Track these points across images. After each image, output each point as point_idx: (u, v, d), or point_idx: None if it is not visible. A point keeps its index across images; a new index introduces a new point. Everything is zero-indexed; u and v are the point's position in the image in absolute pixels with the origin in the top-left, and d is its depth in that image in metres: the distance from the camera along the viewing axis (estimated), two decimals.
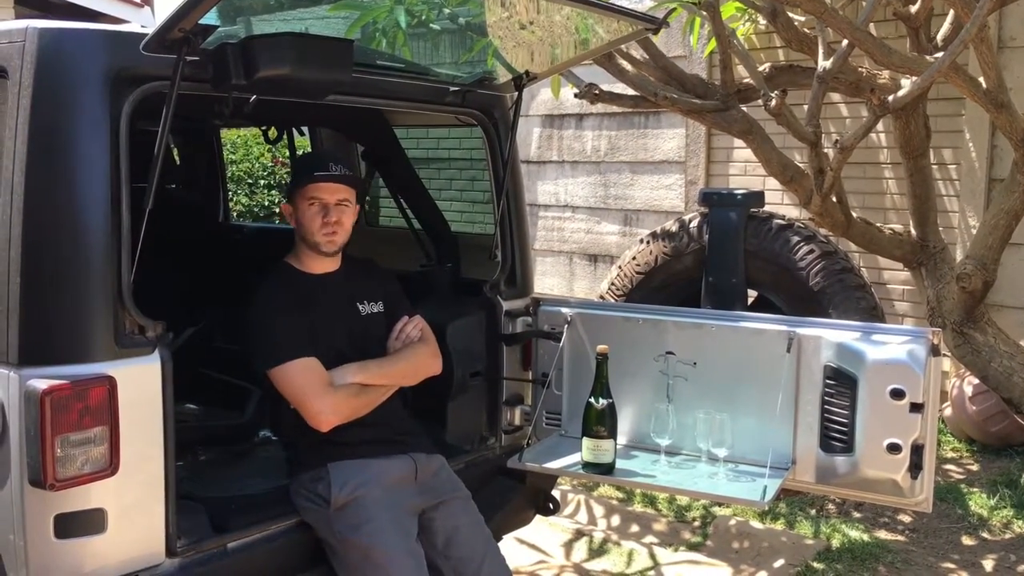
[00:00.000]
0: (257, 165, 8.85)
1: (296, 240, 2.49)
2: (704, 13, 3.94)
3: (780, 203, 5.37)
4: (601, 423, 2.55)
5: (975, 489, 4.17)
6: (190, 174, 4.45)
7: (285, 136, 3.98)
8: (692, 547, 3.77)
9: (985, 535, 3.79)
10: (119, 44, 2.07)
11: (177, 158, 4.50)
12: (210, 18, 2.04)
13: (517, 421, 3.02)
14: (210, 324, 4.01)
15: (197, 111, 2.69)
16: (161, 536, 2.14)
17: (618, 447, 2.72)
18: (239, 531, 2.31)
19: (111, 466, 2.03)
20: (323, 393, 2.31)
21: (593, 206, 6.83)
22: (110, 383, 2.01)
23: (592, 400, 2.56)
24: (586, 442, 2.58)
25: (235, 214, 8.51)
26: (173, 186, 4.24)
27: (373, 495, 2.37)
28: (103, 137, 2.02)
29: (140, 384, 2.08)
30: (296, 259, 2.51)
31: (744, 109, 4.19)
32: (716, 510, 4.02)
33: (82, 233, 2.01)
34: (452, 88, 2.82)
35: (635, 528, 3.98)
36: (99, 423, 2.01)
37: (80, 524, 2.03)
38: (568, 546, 3.84)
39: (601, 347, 2.57)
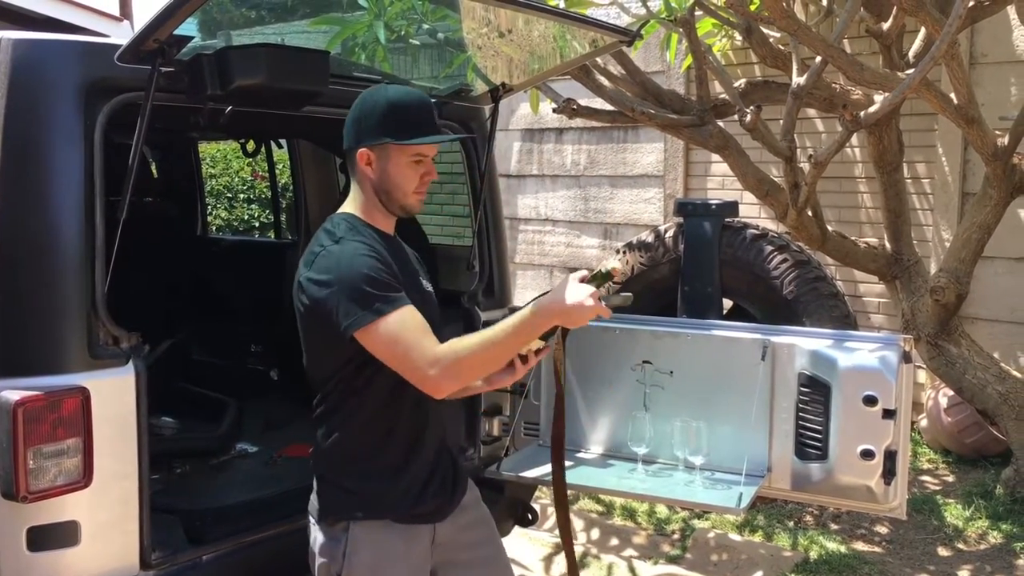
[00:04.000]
0: (237, 179, 8.84)
1: (364, 194, 2.00)
2: (680, 29, 3.99)
3: (758, 216, 5.42)
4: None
5: (951, 500, 4.21)
6: (167, 186, 4.44)
7: (263, 149, 3.99)
8: (671, 560, 3.78)
9: (961, 546, 3.81)
10: (93, 55, 2.08)
11: (155, 170, 4.50)
12: (186, 29, 2.05)
13: (496, 431, 3.02)
14: (187, 336, 4.02)
15: (174, 123, 2.69)
16: (135, 549, 2.12)
17: (595, 456, 2.73)
18: (214, 543, 2.30)
19: (85, 478, 2.01)
20: (425, 352, 1.82)
21: (573, 220, 6.87)
22: (83, 394, 1.99)
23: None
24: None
25: (214, 227, 8.49)
26: (150, 199, 4.23)
27: None
28: (77, 148, 2.02)
29: (114, 395, 2.06)
30: (364, 214, 2.02)
31: (720, 124, 4.24)
32: (695, 523, 4.03)
33: (55, 244, 2.00)
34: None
35: (615, 541, 3.98)
36: (72, 434, 1.99)
37: (53, 537, 2.01)
38: (548, 560, 3.83)
39: (614, 267, 2.06)
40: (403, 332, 1.82)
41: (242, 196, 8.83)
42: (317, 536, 2.02)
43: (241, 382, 3.85)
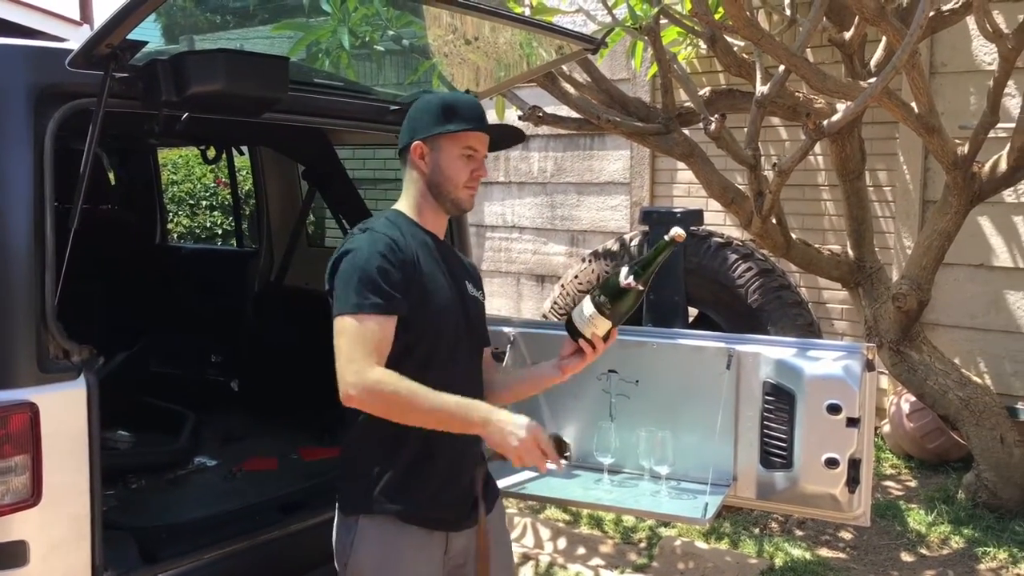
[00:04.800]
0: (199, 186, 8.72)
1: (416, 190, 2.03)
2: (646, 37, 4.00)
3: (723, 224, 5.44)
4: (613, 299, 2.01)
5: (913, 505, 4.24)
6: (126, 194, 4.36)
7: (224, 156, 3.92)
8: (638, 569, 3.76)
9: (924, 551, 3.84)
10: (44, 60, 2.02)
11: (112, 178, 4.41)
12: (148, 35, 2.01)
13: None
14: (145, 347, 3.94)
15: (130, 129, 2.63)
16: (87, 568, 2.06)
17: (562, 467, 2.70)
18: (170, 561, 2.24)
19: (33, 496, 1.95)
20: (368, 364, 1.83)
21: (540, 227, 6.86)
22: (32, 410, 1.93)
23: (619, 271, 2.02)
24: (586, 303, 2.05)
25: (175, 235, 8.36)
26: (107, 206, 4.14)
27: None
28: (26, 155, 1.96)
29: (65, 410, 2.00)
30: (413, 211, 2.04)
31: (685, 132, 4.25)
32: (662, 531, 4.02)
33: (2, 253, 1.94)
34: (392, 107, 2.80)
35: (581, 551, 3.96)
36: (20, 451, 1.93)
37: (1, 557, 1.94)
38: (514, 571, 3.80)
39: (678, 233, 2.07)
40: (356, 339, 1.85)
41: (204, 203, 8.71)
42: (337, 525, 2.05)
43: (200, 393, 3.78)
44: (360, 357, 1.84)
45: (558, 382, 2.14)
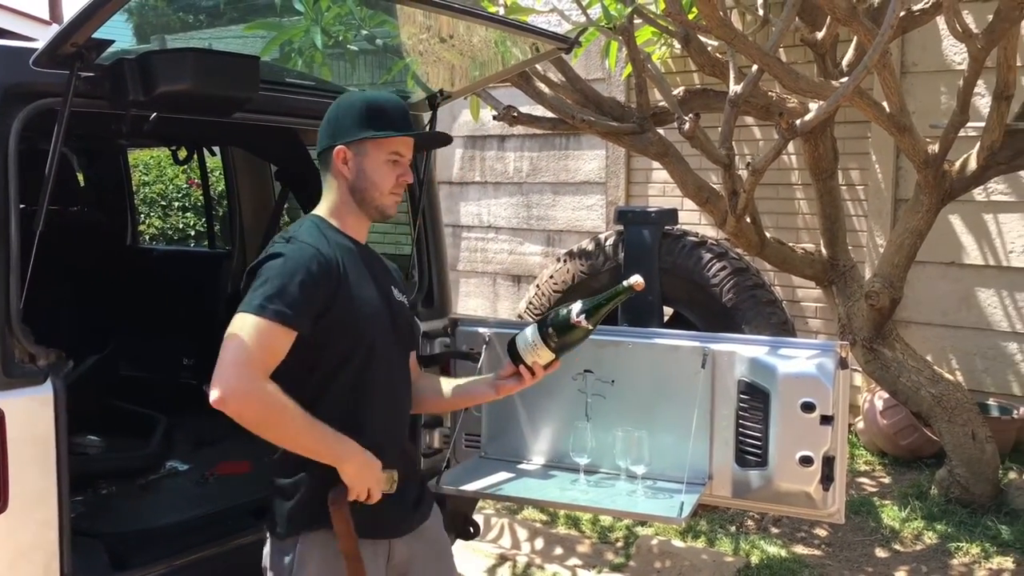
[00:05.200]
0: (171, 187, 8.63)
1: (338, 195, 1.96)
2: (620, 37, 4.00)
3: (698, 223, 5.46)
4: (560, 332, 2.03)
5: (887, 502, 4.28)
6: (95, 195, 4.29)
7: (196, 157, 3.88)
8: (615, 568, 3.77)
9: (898, 547, 3.88)
10: (8, 59, 1.99)
11: (81, 179, 4.35)
12: (118, 34, 1.98)
13: (436, 444, 2.97)
14: (116, 351, 3.88)
15: (98, 129, 2.59)
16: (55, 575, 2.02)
17: (537, 467, 2.69)
18: (140, 567, 2.21)
19: None
20: (255, 370, 1.74)
21: (516, 227, 6.85)
22: None
23: (571, 307, 2.04)
24: (530, 331, 2.08)
25: (147, 237, 8.27)
26: (77, 208, 4.08)
27: None
28: None
29: (31, 416, 1.97)
30: (335, 217, 1.97)
31: (660, 132, 4.26)
32: (639, 530, 4.03)
33: None
34: None
35: (559, 551, 3.95)
36: None
37: None
38: (491, 571, 3.79)
39: (637, 281, 2.06)
40: (252, 342, 1.75)
41: (177, 204, 8.62)
42: (268, 549, 1.97)
43: (172, 397, 3.73)
44: (248, 362, 1.73)
45: (489, 400, 2.13)
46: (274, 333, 1.77)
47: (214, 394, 1.71)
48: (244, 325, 1.76)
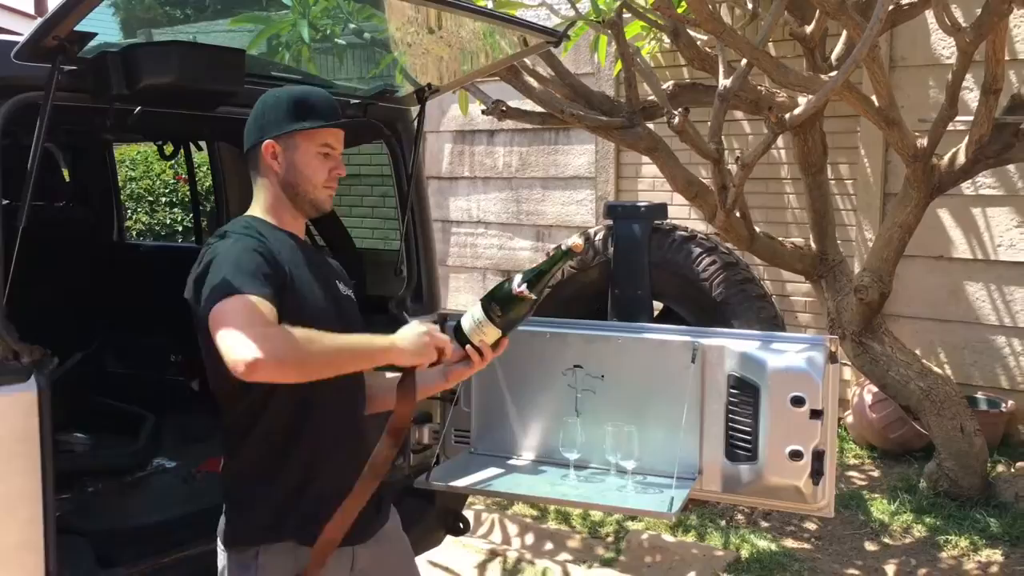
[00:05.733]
0: (158, 182, 8.57)
1: (270, 193, 1.92)
2: (609, 31, 3.99)
3: (687, 218, 5.46)
4: (503, 306, 1.93)
5: (876, 495, 4.29)
6: (81, 191, 4.26)
7: (182, 152, 3.85)
8: (606, 563, 3.76)
9: (887, 540, 3.89)
10: None
11: (67, 174, 4.31)
12: (105, 28, 1.95)
13: (426, 439, 2.96)
14: (102, 347, 3.85)
15: (82, 124, 2.57)
16: (41, 574, 2.00)
17: (527, 462, 2.68)
18: (127, 566, 2.19)
19: None
20: (263, 327, 1.64)
21: (505, 222, 6.83)
22: None
23: (513, 281, 1.95)
24: (475, 309, 1.98)
25: (134, 233, 8.22)
26: (62, 203, 4.05)
27: None
28: None
29: (14, 413, 1.94)
30: (269, 215, 1.92)
31: (650, 126, 4.25)
32: (629, 525, 4.03)
33: None
34: (352, 101, 2.76)
35: (549, 546, 3.95)
36: None
37: None
38: (481, 567, 3.78)
39: (576, 243, 2.01)
40: (248, 312, 1.64)
41: (164, 200, 8.56)
42: (225, 563, 1.89)
43: (160, 394, 3.71)
44: (251, 324, 1.61)
45: (444, 389, 2.05)
46: (258, 304, 1.67)
47: (244, 367, 1.58)
48: (232, 307, 1.65)
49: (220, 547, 1.91)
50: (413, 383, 1.89)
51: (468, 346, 1.95)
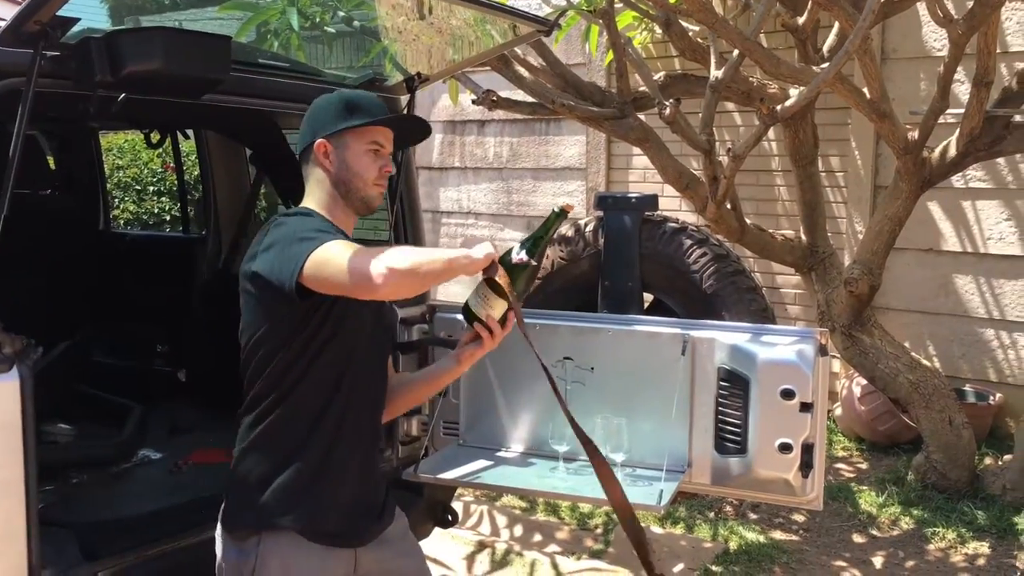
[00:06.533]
0: (146, 171, 8.50)
1: (323, 190, 1.95)
2: (600, 21, 3.96)
3: (678, 209, 5.45)
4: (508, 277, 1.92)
5: (864, 487, 4.30)
6: (66, 179, 4.21)
7: (169, 140, 3.81)
8: (595, 555, 3.76)
9: (875, 532, 3.90)
10: None
11: (52, 162, 4.26)
12: (92, 14, 1.92)
13: (414, 431, 2.94)
14: (88, 337, 3.82)
15: (65, 111, 2.53)
16: (23, 568, 1.98)
17: (516, 454, 2.67)
18: (112, 558, 2.17)
19: None
20: (374, 249, 1.70)
21: (496, 212, 6.81)
22: None
23: (511, 248, 1.93)
24: (478, 286, 1.99)
25: (121, 222, 8.16)
26: (47, 192, 4.00)
27: None
28: None
29: None
30: (323, 209, 1.96)
31: (641, 117, 4.23)
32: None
33: None
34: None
35: (538, 537, 3.95)
36: None
37: None
38: (470, 558, 3.77)
39: (567, 204, 2.00)
40: (342, 248, 1.70)
41: (152, 188, 8.50)
42: (225, 549, 1.90)
43: (146, 384, 3.68)
44: (368, 249, 1.69)
45: (457, 375, 2.08)
46: (342, 242, 1.73)
47: (378, 279, 1.64)
48: (329, 249, 1.71)
49: (220, 532, 1.91)
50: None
51: (476, 323, 1.97)
